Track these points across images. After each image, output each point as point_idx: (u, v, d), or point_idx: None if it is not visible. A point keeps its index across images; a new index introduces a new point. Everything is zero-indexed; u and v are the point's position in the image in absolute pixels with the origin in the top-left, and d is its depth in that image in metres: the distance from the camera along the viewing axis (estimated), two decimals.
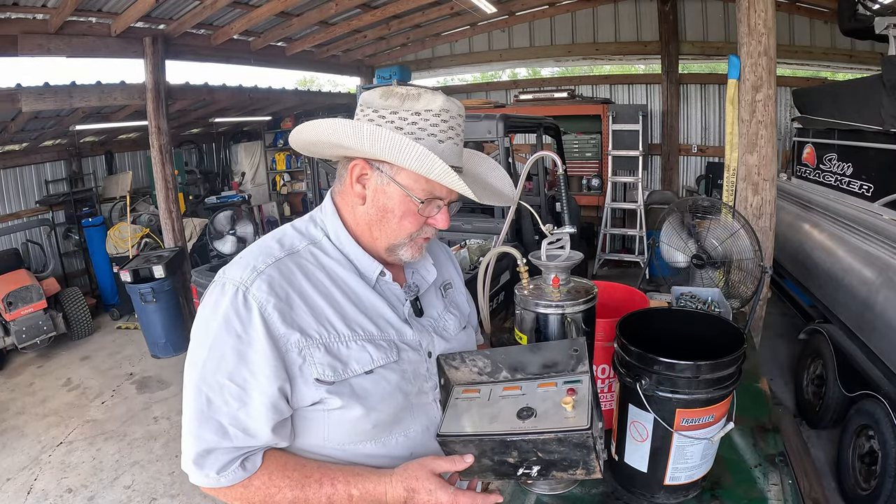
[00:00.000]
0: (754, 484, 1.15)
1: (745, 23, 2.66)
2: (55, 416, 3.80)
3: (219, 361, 0.77)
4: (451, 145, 0.83)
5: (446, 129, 0.82)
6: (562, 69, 8.43)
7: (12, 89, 4.03)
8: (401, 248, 0.89)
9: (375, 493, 0.79)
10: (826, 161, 4.00)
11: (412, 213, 0.85)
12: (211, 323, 0.79)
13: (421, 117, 0.81)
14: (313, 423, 0.85)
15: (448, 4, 5.85)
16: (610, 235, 6.38)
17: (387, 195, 0.85)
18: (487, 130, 3.31)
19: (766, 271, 2.21)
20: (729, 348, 1.00)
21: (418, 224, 0.87)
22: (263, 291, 0.79)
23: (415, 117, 0.81)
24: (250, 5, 4.72)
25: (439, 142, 0.82)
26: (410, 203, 0.85)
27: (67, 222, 6.01)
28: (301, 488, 0.79)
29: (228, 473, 0.79)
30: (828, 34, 5.63)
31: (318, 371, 0.81)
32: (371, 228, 0.88)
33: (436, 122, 0.81)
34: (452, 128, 0.83)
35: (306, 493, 0.79)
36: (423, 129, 0.81)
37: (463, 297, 1.12)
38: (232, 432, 0.78)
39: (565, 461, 0.75)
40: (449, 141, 0.83)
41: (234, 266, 0.83)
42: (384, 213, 0.86)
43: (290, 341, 0.80)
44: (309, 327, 0.82)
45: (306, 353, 0.80)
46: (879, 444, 2.34)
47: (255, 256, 0.84)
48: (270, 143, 8.76)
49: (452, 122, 0.83)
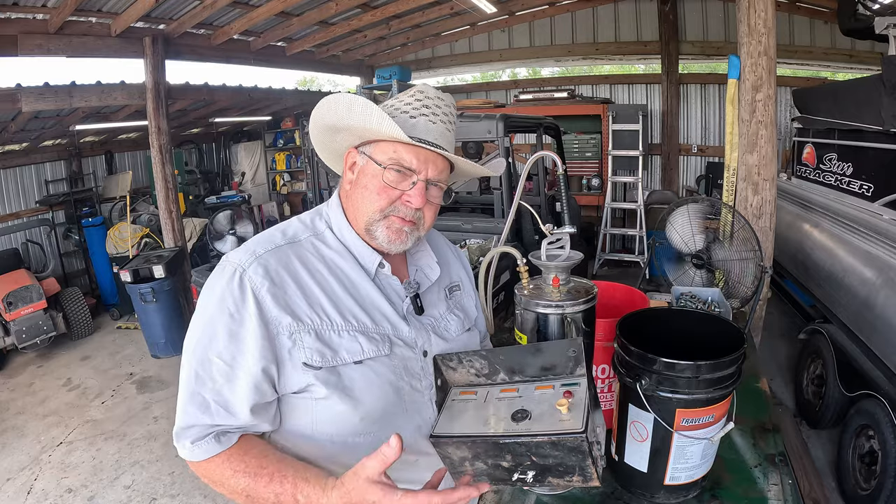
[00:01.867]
0: (754, 484, 1.15)
1: (745, 23, 2.66)
2: (55, 416, 3.80)
3: (210, 339, 0.81)
4: (424, 121, 0.88)
5: (419, 106, 0.89)
6: (562, 69, 8.44)
7: (12, 89, 4.03)
8: (376, 227, 0.90)
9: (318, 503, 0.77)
10: (826, 161, 4.00)
11: (384, 187, 0.88)
12: (208, 302, 0.83)
13: (396, 99, 0.91)
14: (301, 410, 0.86)
15: (448, 4, 5.85)
16: (610, 235, 6.38)
17: (365, 173, 0.90)
18: (487, 130, 3.31)
19: (766, 271, 2.21)
20: (729, 348, 1.00)
21: (390, 199, 0.89)
22: (259, 274, 0.83)
23: (392, 101, 0.91)
24: (250, 5, 4.72)
25: (411, 117, 0.88)
26: (382, 177, 0.88)
27: (67, 222, 6.01)
28: (253, 478, 0.79)
29: (202, 444, 0.80)
30: (828, 34, 5.63)
31: (307, 355, 0.82)
32: (356, 211, 0.92)
33: (409, 101, 0.90)
34: (427, 106, 0.89)
35: (257, 484, 0.79)
36: (398, 108, 0.89)
37: (471, 300, 1.12)
38: (214, 408, 0.80)
39: (561, 466, 0.74)
40: (422, 118, 0.88)
41: (236, 250, 0.88)
42: (363, 191, 0.90)
43: (282, 324, 0.82)
44: (301, 312, 0.84)
45: (296, 338, 0.83)
46: (879, 444, 2.34)
47: (257, 243, 0.89)
48: (270, 143, 8.76)
49: (427, 101, 0.89)
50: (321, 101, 0.90)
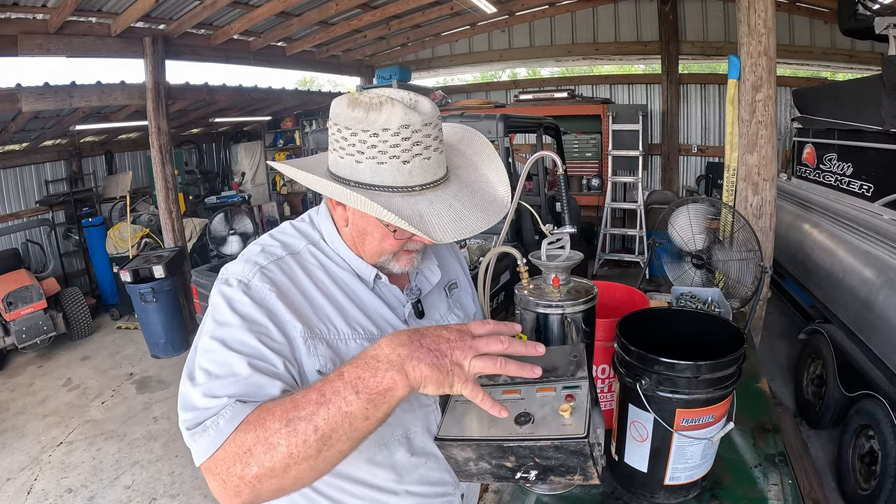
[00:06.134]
0: (754, 484, 1.15)
1: (745, 23, 2.66)
2: (55, 416, 3.80)
3: (223, 341, 0.74)
4: (418, 161, 0.77)
5: (409, 146, 0.76)
6: (562, 69, 8.44)
7: (12, 89, 4.03)
8: (388, 263, 0.89)
9: (366, 351, 0.69)
10: (826, 161, 4.00)
11: (390, 235, 0.85)
12: (215, 315, 0.78)
13: (380, 139, 0.75)
14: None
15: (448, 4, 5.86)
16: (610, 235, 6.39)
17: (364, 219, 0.85)
18: (487, 130, 3.32)
19: (766, 271, 2.21)
20: (729, 348, 1.00)
21: (398, 244, 0.87)
22: (266, 283, 0.80)
23: (374, 139, 0.76)
24: (250, 5, 4.72)
25: (404, 162, 0.76)
26: (386, 230, 0.84)
27: (67, 222, 6.01)
28: (290, 400, 0.67)
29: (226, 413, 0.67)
30: (828, 34, 5.64)
31: (321, 363, 0.81)
32: (356, 246, 0.89)
33: (396, 141, 0.76)
34: (418, 142, 0.77)
35: (294, 399, 0.67)
36: (384, 151, 0.76)
37: (469, 296, 1.12)
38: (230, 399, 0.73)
39: (563, 467, 0.75)
40: (416, 158, 0.77)
41: (235, 263, 0.84)
42: (364, 236, 0.87)
43: (296, 329, 0.79)
44: (311, 322, 0.82)
45: (310, 344, 0.80)
46: (879, 444, 2.34)
47: (256, 254, 0.85)
48: (270, 143, 8.77)
49: (417, 136, 0.77)
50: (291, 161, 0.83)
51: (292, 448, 0.63)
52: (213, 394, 0.69)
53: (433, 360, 0.66)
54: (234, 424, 0.66)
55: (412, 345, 0.67)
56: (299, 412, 0.64)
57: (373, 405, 0.65)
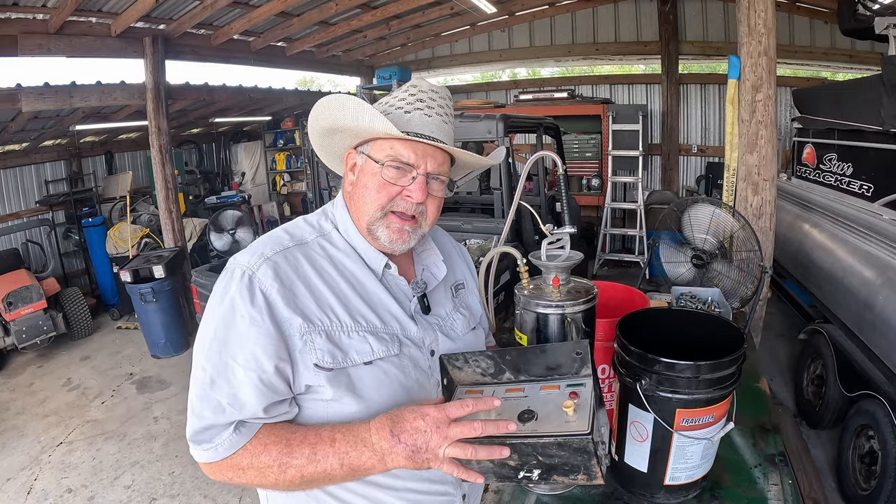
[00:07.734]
0: (754, 484, 1.15)
1: (745, 23, 2.66)
2: (55, 416, 3.80)
3: (222, 342, 0.80)
4: (419, 115, 0.88)
5: (413, 101, 0.89)
6: (562, 69, 8.44)
7: (12, 89, 4.03)
8: (377, 227, 0.90)
9: (358, 430, 0.79)
10: (826, 161, 4.00)
11: (384, 184, 0.88)
12: (218, 306, 0.82)
13: (395, 97, 0.91)
14: (311, 411, 0.86)
15: (448, 4, 5.86)
16: (610, 235, 6.39)
17: (365, 172, 0.91)
18: (487, 130, 3.31)
19: (766, 271, 2.21)
20: (729, 348, 1.00)
21: (389, 195, 0.89)
22: (269, 276, 0.82)
23: (390, 98, 0.91)
24: (250, 5, 4.72)
25: (405, 112, 0.88)
26: (381, 174, 0.88)
27: (67, 222, 6.01)
28: (285, 444, 0.80)
29: (224, 441, 0.80)
30: (828, 34, 5.64)
31: (318, 357, 0.82)
32: (358, 211, 0.92)
33: (403, 96, 0.90)
34: (421, 100, 0.89)
35: (290, 447, 0.79)
36: (392, 105, 0.90)
37: (476, 298, 1.12)
38: (228, 411, 0.80)
39: (566, 465, 0.74)
40: (417, 112, 0.88)
41: (243, 252, 0.87)
42: (363, 190, 0.90)
43: (293, 325, 0.82)
44: (311, 314, 0.84)
45: (307, 338, 0.82)
46: (879, 444, 2.34)
47: (264, 244, 0.88)
48: (270, 143, 8.76)
49: (421, 95, 0.89)
50: (315, 104, 0.91)
51: (279, 481, 0.79)
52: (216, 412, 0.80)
53: (409, 454, 0.75)
54: (232, 451, 0.80)
55: (392, 440, 0.75)
56: (291, 460, 0.78)
57: (351, 476, 0.79)
